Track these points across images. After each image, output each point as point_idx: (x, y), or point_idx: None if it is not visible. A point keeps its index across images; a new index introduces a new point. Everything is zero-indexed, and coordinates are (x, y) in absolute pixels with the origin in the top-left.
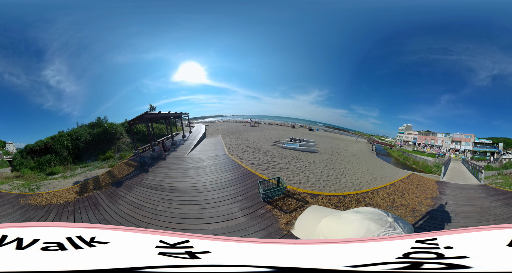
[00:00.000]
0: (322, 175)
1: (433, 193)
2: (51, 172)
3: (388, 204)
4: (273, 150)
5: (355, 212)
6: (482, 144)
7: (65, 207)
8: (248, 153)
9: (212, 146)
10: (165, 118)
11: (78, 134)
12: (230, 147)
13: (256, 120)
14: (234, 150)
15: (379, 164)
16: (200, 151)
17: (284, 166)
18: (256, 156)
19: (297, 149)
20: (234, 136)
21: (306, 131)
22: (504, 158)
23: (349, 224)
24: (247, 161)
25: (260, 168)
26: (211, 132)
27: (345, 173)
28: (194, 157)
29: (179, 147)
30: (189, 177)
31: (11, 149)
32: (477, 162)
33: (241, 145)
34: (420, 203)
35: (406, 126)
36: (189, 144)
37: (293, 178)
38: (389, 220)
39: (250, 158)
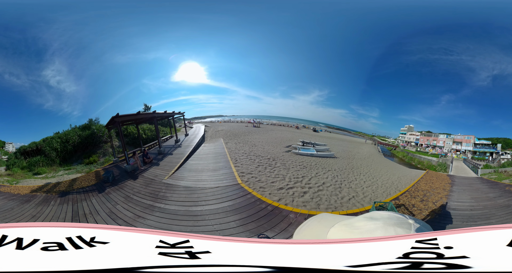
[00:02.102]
0: (360, 182)
1: (448, 183)
2: (37, 172)
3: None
4: (290, 159)
5: (370, 219)
6: (482, 145)
7: (13, 196)
8: (265, 168)
9: (212, 159)
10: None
11: (68, 136)
12: (237, 159)
13: (258, 120)
14: (245, 166)
15: (392, 165)
16: (193, 171)
17: (318, 181)
18: (276, 172)
19: (315, 155)
20: (238, 140)
21: (310, 132)
22: (502, 158)
23: (371, 233)
24: (270, 186)
25: (297, 196)
26: (211, 135)
27: (375, 177)
28: (179, 184)
29: (166, 159)
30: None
31: (10, 149)
32: (477, 161)
33: (250, 154)
34: (444, 189)
35: (408, 127)
36: (179, 154)
37: (345, 195)
38: (410, 222)
39: (270, 177)
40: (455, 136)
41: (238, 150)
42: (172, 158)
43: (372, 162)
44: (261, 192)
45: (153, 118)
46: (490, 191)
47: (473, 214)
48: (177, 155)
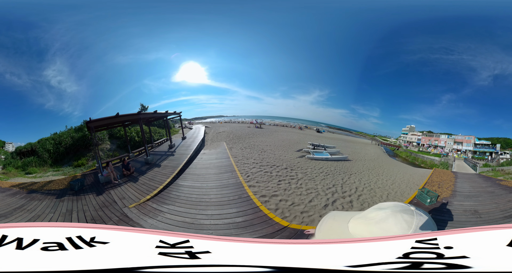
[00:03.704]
0: (383, 182)
1: (452, 177)
2: (29, 172)
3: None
4: (306, 165)
5: (379, 209)
6: (482, 145)
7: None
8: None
9: (214, 176)
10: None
11: (61, 138)
12: (248, 174)
13: (260, 121)
14: (263, 185)
15: (399, 165)
16: (181, 200)
17: (351, 187)
18: (305, 186)
19: (329, 159)
20: (243, 144)
21: (314, 133)
22: (501, 158)
23: (385, 221)
24: (313, 207)
25: (349, 208)
26: (212, 137)
27: (392, 176)
28: (146, 222)
29: (150, 172)
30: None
31: (10, 149)
32: (477, 161)
33: (262, 163)
34: (450, 180)
35: (410, 127)
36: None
37: (383, 195)
38: (412, 208)
39: (303, 195)
40: (456, 137)
41: (247, 158)
42: (157, 173)
43: (382, 163)
44: (311, 221)
45: (138, 120)
46: (484, 183)
47: (471, 195)
48: (166, 168)
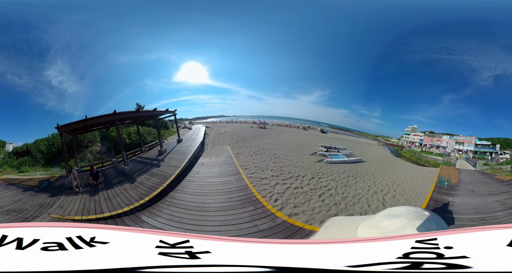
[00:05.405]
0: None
1: (457, 172)
2: (22, 170)
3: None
4: (330, 170)
5: (392, 217)
6: (482, 145)
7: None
8: (335, 199)
9: (217, 215)
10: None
11: (55, 139)
12: (277, 198)
13: (264, 120)
14: (304, 208)
15: (407, 164)
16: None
17: (382, 188)
18: (352, 199)
19: (347, 162)
20: (251, 148)
21: (319, 134)
22: (501, 158)
23: (403, 231)
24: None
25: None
26: (213, 139)
27: (405, 174)
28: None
29: (117, 187)
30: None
31: (10, 149)
32: (478, 160)
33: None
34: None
35: (412, 128)
36: (146, 188)
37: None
38: (426, 213)
39: (372, 213)
40: (457, 137)
41: (262, 170)
42: (121, 193)
43: (392, 163)
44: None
45: (113, 121)
46: (481, 176)
47: (471, 182)
48: (138, 187)
